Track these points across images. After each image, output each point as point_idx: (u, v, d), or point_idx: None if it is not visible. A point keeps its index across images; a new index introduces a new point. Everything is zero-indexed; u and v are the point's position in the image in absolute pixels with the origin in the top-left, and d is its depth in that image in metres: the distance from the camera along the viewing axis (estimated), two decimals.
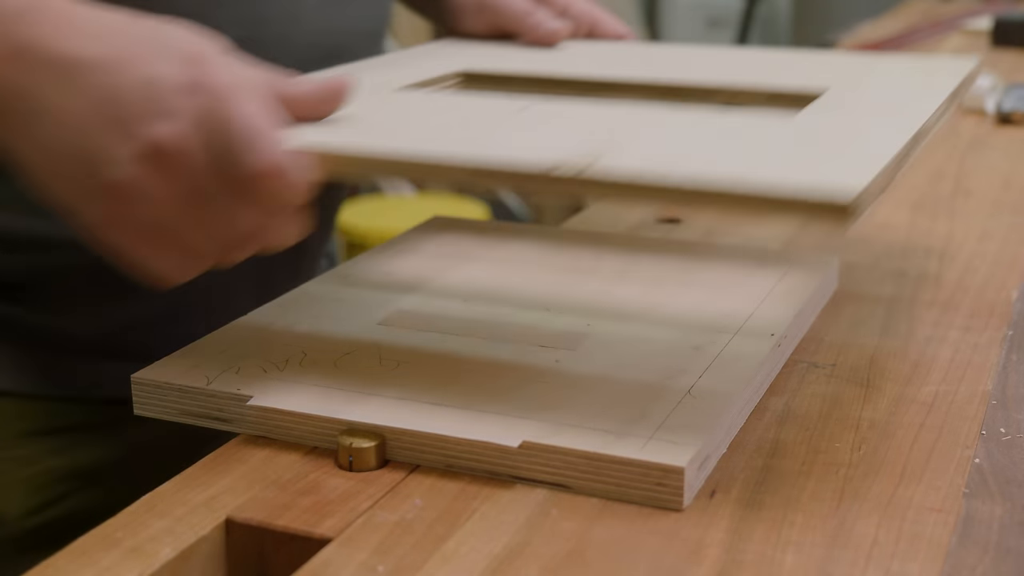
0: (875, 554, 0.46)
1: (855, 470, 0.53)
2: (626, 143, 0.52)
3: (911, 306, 0.72)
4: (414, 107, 0.63)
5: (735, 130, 0.56)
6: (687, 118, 0.58)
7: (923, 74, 0.71)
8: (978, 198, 0.95)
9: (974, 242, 0.84)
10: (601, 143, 0.52)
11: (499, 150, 0.52)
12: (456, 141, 0.54)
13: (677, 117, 0.58)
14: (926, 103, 0.62)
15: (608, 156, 0.49)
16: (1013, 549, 0.47)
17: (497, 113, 0.60)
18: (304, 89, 0.55)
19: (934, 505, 0.50)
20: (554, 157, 0.49)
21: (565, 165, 0.48)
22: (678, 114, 0.59)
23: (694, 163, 0.49)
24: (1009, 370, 0.63)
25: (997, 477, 0.52)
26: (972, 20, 1.90)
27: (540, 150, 0.51)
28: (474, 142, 0.54)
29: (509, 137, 0.55)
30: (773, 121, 0.58)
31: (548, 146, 0.52)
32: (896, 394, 0.60)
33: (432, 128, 0.58)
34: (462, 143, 0.54)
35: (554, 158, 0.49)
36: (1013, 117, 1.21)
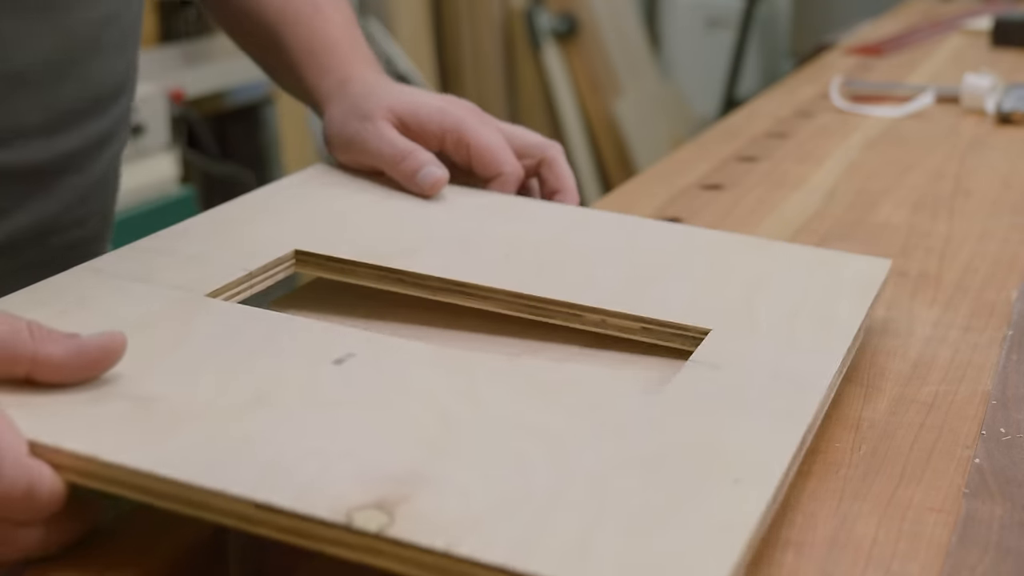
0: (875, 554, 0.46)
1: (855, 470, 0.53)
2: (436, 479, 0.43)
3: (911, 306, 0.72)
4: (205, 368, 0.51)
5: (571, 463, 0.45)
6: (525, 417, 0.48)
7: (829, 295, 0.62)
8: (978, 198, 0.95)
9: (974, 242, 0.84)
10: (404, 481, 0.43)
11: (285, 480, 0.43)
12: (230, 450, 0.44)
13: (513, 412, 0.48)
14: (826, 367, 0.54)
15: (410, 506, 0.41)
16: (1013, 549, 0.47)
17: (301, 374, 0.50)
18: (61, 352, 0.47)
19: (934, 505, 0.50)
20: (348, 494, 0.42)
21: (363, 514, 0.41)
22: (516, 402, 0.49)
23: (514, 533, 0.40)
24: (1009, 370, 0.63)
25: (997, 477, 0.52)
26: (972, 20, 1.89)
27: (334, 481, 0.42)
28: (260, 450, 0.44)
29: (300, 447, 0.45)
30: (625, 423, 0.48)
31: (343, 470, 0.43)
32: (896, 394, 0.60)
33: (211, 426, 0.46)
34: (240, 454, 0.44)
35: (348, 496, 0.42)
36: (1013, 117, 1.21)
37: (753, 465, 0.46)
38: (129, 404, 0.47)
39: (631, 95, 3.34)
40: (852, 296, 0.62)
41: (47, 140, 0.69)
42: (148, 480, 0.43)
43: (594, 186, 3.24)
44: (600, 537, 0.41)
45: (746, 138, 1.18)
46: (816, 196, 0.96)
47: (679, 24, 4.04)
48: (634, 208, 0.93)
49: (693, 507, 0.43)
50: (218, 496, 0.42)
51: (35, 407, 0.46)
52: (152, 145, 1.99)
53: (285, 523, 0.41)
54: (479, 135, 0.74)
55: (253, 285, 0.61)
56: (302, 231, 0.66)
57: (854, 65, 1.58)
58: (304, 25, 0.79)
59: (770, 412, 0.50)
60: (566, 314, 0.60)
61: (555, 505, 0.42)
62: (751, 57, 3.74)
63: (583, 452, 0.46)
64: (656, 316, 0.59)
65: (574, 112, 3.26)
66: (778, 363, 0.54)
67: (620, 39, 3.38)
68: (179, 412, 0.47)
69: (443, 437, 0.46)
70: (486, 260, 0.64)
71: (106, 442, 0.44)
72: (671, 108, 3.53)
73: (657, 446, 0.47)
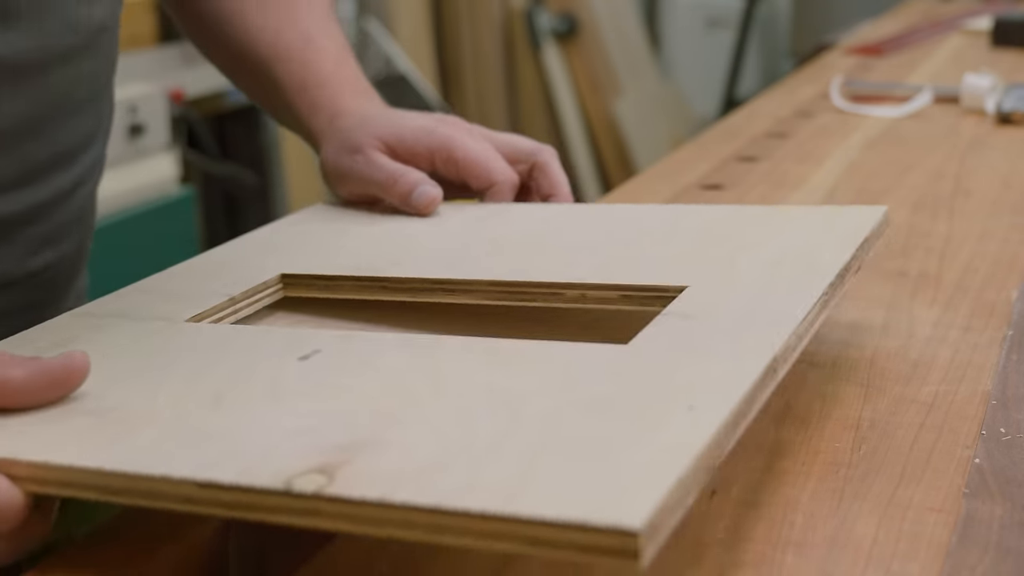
0: (875, 554, 0.46)
1: (855, 470, 0.53)
2: (382, 442, 0.43)
3: (911, 306, 0.72)
4: (177, 372, 0.51)
5: (522, 409, 0.45)
6: (483, 381, 0.48)
7: (814, 244, 0.61)
8: (978, 198, 0.95)
9: (974, 242, 0.84)
10: (348, 449, 0.43)
11: (231, 460, 0.43)
12: (182, 442, 0.45)
13: (472, 380, 0.48)
14: (799, 306, 0.53)
15: (351, 467, 0.41)
16: (1013, 549, 0.47)
17: (264, 374, 0.50)
18: (22, 375, 0.47)
19: (934, 505, 0.50)
20: (291, 464, 0.42)
21: (302, 478, 0.41)
22: (477, 372, 0.49)
23: (452, 478, 0.40)
24: (1009, 370, 0.63)
25: (997, 477, 0.52)
26: (972, 20, 1.89)
27: (278, 456, 0.43)
28: (213, 440, 0.45)
29: (250, 432, 0.45)
30: (581, 374, 0.48)
31: (290, 446, 0.43)
32: (896, 394, 0.60)
33: (166, 421, 0.47)
34: (192, 445, 0.44)
35: (291, 466, 0.41)
36: (1013, 117, 1.21)
37: (710, 393, 0.44)
38: (88, 418, 0.47)
39: (631, 95, 3.34)
40: (839, 242, 0.61)
41: (16, 193, 0.68)
42: (100, 477, 0.43)
43: (594, 186, 3.24)
44: (541, 470, 0.40)
45: (746, 138, 1.18)
46: (816, 196, 0.96)
47: (679, 24, 4.04)
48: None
49: (642, 437, 0.41)
50: (164, 481, 0.42)
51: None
52: (152, 145, 1.99)
53: (228, 498, 0.41)
54: (467, 149, 0.75)
55: (238, 311, 0.61)
56: (289, 260, 0.66)
57: (854, 65, 1.58)
58: (296, 61, 0.80)
59: (736, 349, 0.49)
60: (546, 294, 0.60)
61: (497, 450, 0.41)
62: (751, 57, 3.74)
63: (535, 402, 0.45)
64: (635, 282, 0.58)
65: (574, 112, 3.26)
66: (752, 308, 0.53)
67: (620, 39, 3.38)
68: (136, 417, 0.47)
69: (397, 410, 0.46)
70: (468, 258, 0.65)
71: (61, 450, 0.44)
72: (671, 108, 3.53)
73: (612, 390, 0.46)
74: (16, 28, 0.64)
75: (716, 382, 0.46)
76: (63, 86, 0.69)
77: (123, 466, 0.43)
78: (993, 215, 0.90)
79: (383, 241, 0.69)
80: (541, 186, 0.77)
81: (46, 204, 0.70)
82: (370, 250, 0.68)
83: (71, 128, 0.71)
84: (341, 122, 0.78)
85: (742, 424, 0.44)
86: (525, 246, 0.66)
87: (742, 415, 0.44)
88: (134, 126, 1.94)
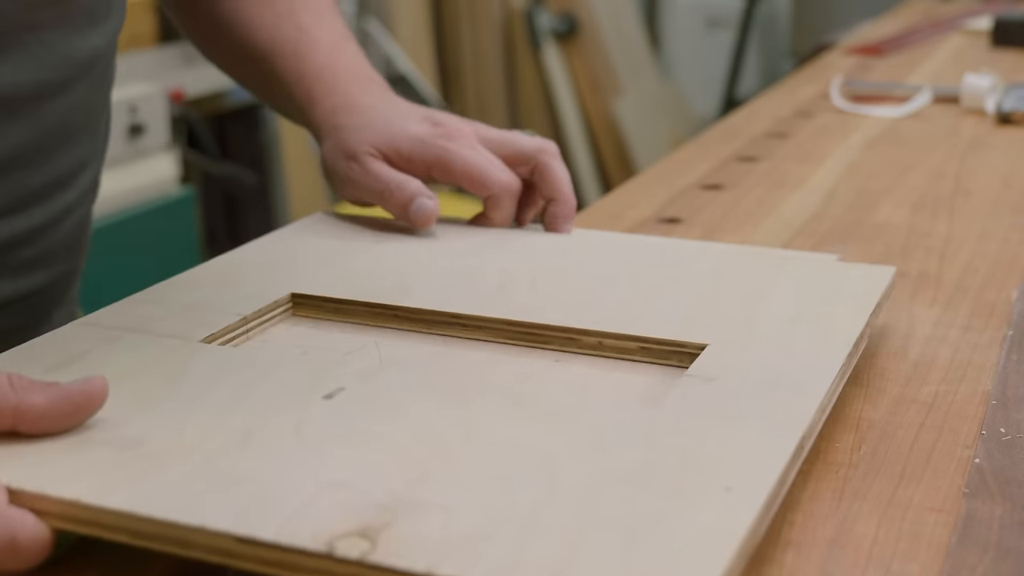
0: (875, 554, 0.46)
1: (855, 470, 0.53)
2: (422, 504, 0.43)
3: (911, 306, 0.72)
4: (198, 410, 0.50)
5: (558, 475, 0.45)
6: (513, 436, 0.48)
7: (827, 304, 0.61)
8: (978, 198, 0.95)
9: (974, 242, 0.84)
10: (388, 508, 0.42)
11: (268, 513, 0.42)
12: (218, 490, 0.44)
13: (503, 434, 0.48)
14: (823, 376, 0.53)
15: (393, 531, 0.41)
16: (1013, 549, 0.47)
17: (290, 413, 0.50)
18: (43, 401, 0.47)
19: (934, 505, 0.50)
20: (331, 524, 0.41)
21: (345, 542, 0.40)
22: (506, 425, 0.49)
23: (497, 551, 0.40)
24: (1009, 370, 0.63)
25: (997, 477, 0.52)
26: (972, 20, 1.89)
27: (317, 512, 0.42)
28: (244, 486, 0.44)
29: (284, 482, 0.44)
30: (613, 437, 0.48)
31: (327, 502, 0.43)
32: (896, 394, 0.60)
33: (196, 469, 0.46)
34: (223, 491, 0.44)
35: (331, 526, 0.41)
36: (1013, 117, 1.21)
37: (746, 472, 0.45)
38: (113, 450, 0.47)
39: (631, 95, 3.34)
40: (853, 303, 0.62)
41: (8, 219, 0.68)
42: (131, 521, 0.43)
43: (594, 186, 3.24)
44: (585, 551, 0.40)
45: (746, 138, 1.18)
46: (816, 196, 0.96)
47: (679, 24, 4.04)
48: (634, 208, 0.93)
49: (682, 517, 0.42)
50: (199, 532, 0.42)
51: (16, 457, 0.46)
52: (152, 145, 1.99)
53: (267, 556, 0.41)
54: (463, 161, 0.74)
55: (249, 330, 0.61)
56: (298, 277, 0.66)
57: (854, 65, 1.58)
58: (290, 53, 0.79)
59: (765, 420, 0.49)
60: (562, 339, 0.60)
61: (539, 522, 0.42)
62: (751, 57, 3.74)
63: (570, 467, 0.45)
64: (653, 335, 0.58)
65: (574, 112, 3.26)
66: (775, 372, 0.54)
67: (620, 39, 3.38)
68: (163, 454, 0.46)
69: (431, 463, 0.46)
70: (481, 291, 0.64)
71: (88, 486, 0.44)
72: (671, 108, 3.53)
73: (647, 459, 0.46)
74: (10, 61, 0.64)
75: (749, 462, 0.46)
76: (58, 115, 0.68)
77: (156, 511, 0.42)
78: (993, 215, 0.90)
79: (391, 261, 0.69)
80: (541, 189, 0.76)
81: (38, 229, 0.70)
82: (378, 271, 0.67)
83: (66, 155, 0.70)
84: (338, 118, 0.77)
85: (774, 506, 0.45)
86: (536, 282, 0.66)
87: (775, 497, 0.45)
88: (134, 126, 1.94)
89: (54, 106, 0.68)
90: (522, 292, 0.64)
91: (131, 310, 0.61)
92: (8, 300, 0.69)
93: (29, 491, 0.44)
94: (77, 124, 0.71)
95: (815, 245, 0.83)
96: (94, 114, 0.73)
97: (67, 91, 0.68)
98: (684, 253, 0.71)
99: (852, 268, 0.67)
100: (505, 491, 0.44)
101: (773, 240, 0.84)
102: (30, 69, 0.65)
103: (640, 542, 0.41)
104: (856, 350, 0.58)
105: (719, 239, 0.84)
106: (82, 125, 0.71)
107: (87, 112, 0.72)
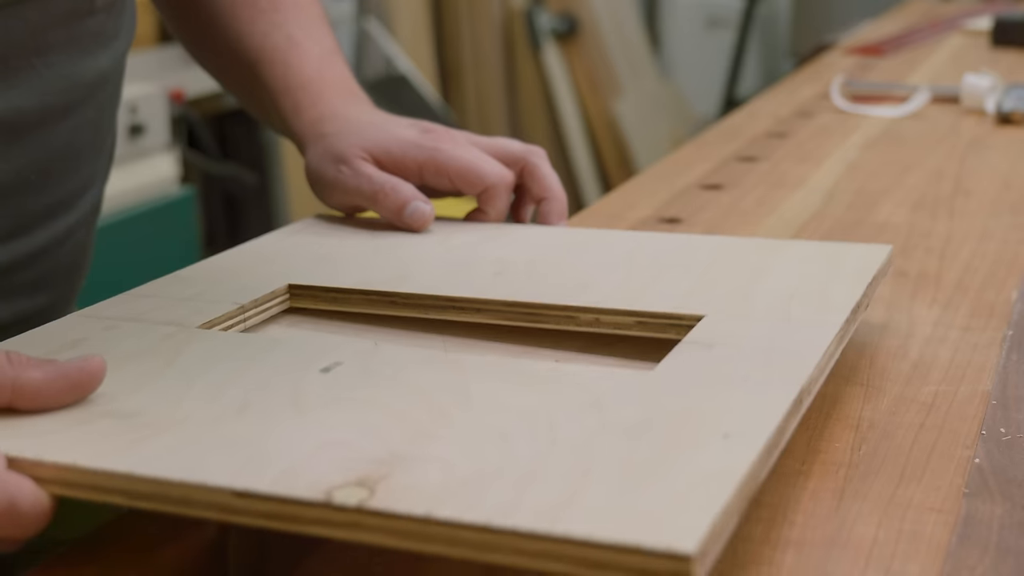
0: (875, 554, 0.46)
1: (855, 470, 0.53)
2: (420, 457, 0.43)
3: (911, 306, 0.72)
4: (196, 380, 0.51)
5: (557, 431, 0.45)
6: (513, 402, 0.48)
7: (825, 280, 0.62)
8: (978, 198, 0.95)
9: (974, 242, 0.84)
10: (386, 462, 0.43)
11: (265, 469, 0.42)
12: (217, 447, 0.44)
13: (502, 400, 0.48)
14: (820, 339, 0.54)
15: (391, 481, 0.41)
16: (1013, 549, 0.47)
17: (287, 385, 0.50)
18: (41, 377, 0.47)
19: (934, 505, 0.50)
20: (329, 476, 0.41)
21: (343, 491, 0.40)
22: (505, 392, 0.49)
23: (497, 496, 0.40)
24: (1009, 370, 0.63)
25: (997, 477, 0.52)
26: (972, 20, 1.90)
27: (314, 466, 0.42)
28: (241, 447, 0.44)
29: (281, 441, 0.45)
30: (611, 398, 0.48)
31: (325, 457, 0.43)
32: (896, 394, 0.60)
33: (193, 427, 0.46)
34: (221, 451, 0.44)
35: (329, 478, 0.41)
36: (1013, 117, 1.21)
37: (744, 421, 0.45)
38: (112, 420, 0.47)
39: (631, 95, 3.34)
40: (850, 278, 0.62)
41: (9, 243, 0.67)
42: (129, 482, 0.43)
43: (594, 186, 3.24)
44: (583, 493, 0.40)
45: (746, 138, 1.18)
46: (816, 196, 0.96)
47: (679, 24, 4.04)
48: (634, 208, 0.93)
49: (679, 461, 0.42)
50: (198, 489, 0.42)
51: (14, 427, 0.46)
52: (152, 145, 1.99)
53: (265, 508, 0.41)
54: (455, 158, 0.74)
55: (247, 319, 0.61)
56: (295, 270, 0.66)
57: (854, 65, 1.58)
58: (279, 63, 0.79)
59: (764, 379, 0.50)
60: (560, 317, 0.60)
61: (538, 469, 0.42)
62: (751, 57, 3.74)
63: (569, 424, 0.46)
64: (650, 309, 0.59)
65: (574, 112, 3.26)
66: (772, 339, 0.54)
67: (620, 39, 3.38)
68: (162, 422, 0.46)
69: (430, 424, 0.46)
70: (478, 277, 0.64)
71: (87, 451, 0.44)
72: (671, 108, 3.53)
73: (644, 415, 0.46)
74: (16, 86, 0.63)
75: (747, 412, 0.46)
76: (64, 138, 0.68)
77: (153, 471, 0.42)
78: (993, 215, 0.90)
79: (387, 254, 0.69)
80: (532, 190, 0.76)
81: (39, 251, 0.69)
82: (375, 263, 0.67)
83: (70, 177, 0.70)
84: (324, 127, 0.77)
85: (774, 454, 0.45)
86: (534, 269, 0.66)
87: (775, 445, 0.45)
88: (134, 126, 1.94)
89: (59, 130, 0.67)
90: (519, 277, 0.64)
91: (129, 303, 0.61)
92: (5, 323, 0.68)
93: (27, 458, 0.44)
94: (83, 145, 0.70)
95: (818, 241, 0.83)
96: (100, 134, 0.72)
97: (73, 114, 0.68)
98: (682, 243, 0.71)
99: (849, 247, 0.67)
100: (502, 444, 0.44)
101: (777, 236, 0.84)
102: (36, 93, 0.64)
103: (639, 485, 0.41)
104: (855, 317, 0.58)
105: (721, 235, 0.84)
106: (88, 145, 0.71)
107: (93, 132, 0.71)
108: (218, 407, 0.48)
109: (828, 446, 0.55)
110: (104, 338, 0.56)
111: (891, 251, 0.67)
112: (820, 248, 0.68)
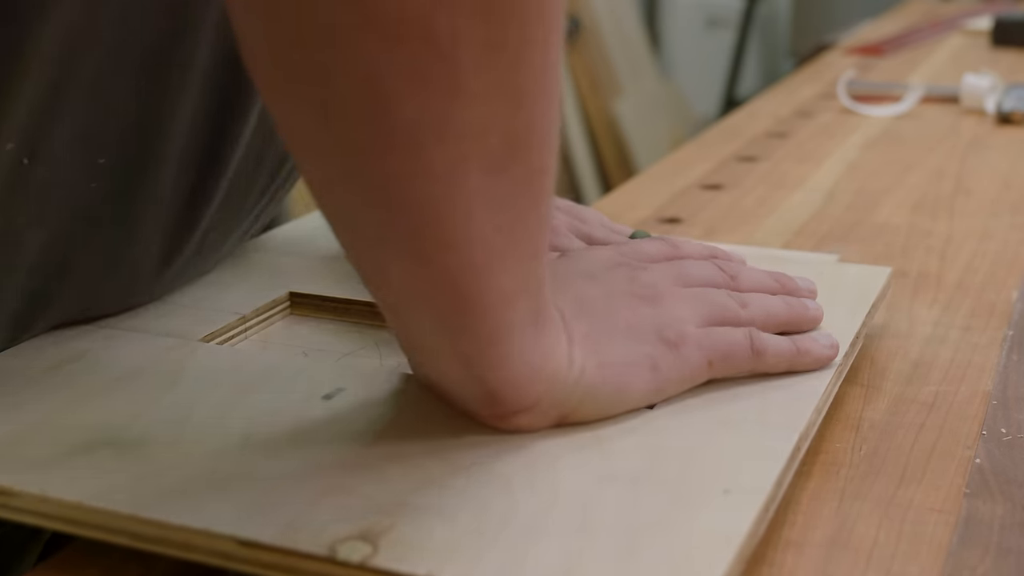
0: (875, 555, 0.46)
1: (855, 470, 0.53)
2: (421, 507, 0.43)
3: (911, 306, 0.72)
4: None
5: (557, 482, 0.45)
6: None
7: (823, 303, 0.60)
8: (978, 198, 0.95)
9: (974, 242, 0.84)
10: (389, 512, 0.43)
11: (269, 516, 0.42)
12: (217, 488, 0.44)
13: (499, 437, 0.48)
14: (818, 379, 0.54)
15: (394, 534, 0.41)
16: (1014, 549, 0.47)
17: (290, 413, 0.50)
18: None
19: (935, 505, 0.50)
20: (333, 527, 0.41)
21: (347, 545, 0.41)
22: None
23: (499, 556, 0.40)
24: (1009, 370, 0.63)
25: (998, 477, 0.52)
26: (972, 20, 1.90)
27: (318, 515, 0.42)
28: (245, 490, 0.44)
29: (285, 484, 0.44)
30: (608, 440, 0.48)
31: (328, 504, 0.43)
32: (896, 394, 0.60)
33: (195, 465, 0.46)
34: (224, 494, 0.44)
35: (333, 529, 0.41)
36: (1013, 117, 1.21)
37: (744, 475, 0.45)
38: (113, 451, 0.47)
39: (631, 95, 3.34)
40: (849, 304, 0.62)
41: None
42: (133, 524, 0.43)
43: (594, 186, 3.24)
44: (586, 554, 0.40)
45: (746, 138, 1.18)
46: (816, 196, 0.96)
47: (679, 24, 4.04)
48: (634, 208, 0.93)
49: (681, 520, 0.42)
50: (202, 535, 0.42)
51: (17, 459, 0.46)
52: None
53: (269, 559, 0.41)
54: None
55: (248, 328, 0.61)
56: (296, 276, 0.66)
57: (854, 65, 1.58)
58: None
59: (762, 423, 0.50)
60: None
61: (539, 527, 0.42)
62: (751, 57, 3.74)
63: (570, 472, 0.46)
64: None
65: (574, 112, 3.26)
66: (771, 376, 0.54)
67: (620, 39, 3.38)
68: (165, 456, 0.47)
69: (430, 467, 0.46)
70: None
71: (90, 488, 0.44)
72: (671, 108, 3.53)
73: (643, 461, 0.46)
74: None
75: (748, 462, 0.46)
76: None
77: (158, 514, 0.42)
78: (993, 215, 0.90)
79: None
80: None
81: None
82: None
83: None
84: None
85: (772, 508, 0.45)
86: None
87: (773, 498, 0.45)
88: None
89: None
90: None
91: (129, 310, 0.61)
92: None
93: (32, 492, 0.44)
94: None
95: (815, 245, 0.83)
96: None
97: None
98: None
99: (848, 268, 0.67)
100: (507, 496, 0.44)
101: (773, 240, 0.84)
102: None
103: (640, 546, 0.41)
104: (852, 350, 0.58)
105: (719, 239, 0.84)
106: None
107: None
108: (220, 438, 0.48)
109: (828, 446, 0.55)
110: (105, 351, 0.56)
111: (890, 273, 0.66)
112: (818, 268, 0.67)
